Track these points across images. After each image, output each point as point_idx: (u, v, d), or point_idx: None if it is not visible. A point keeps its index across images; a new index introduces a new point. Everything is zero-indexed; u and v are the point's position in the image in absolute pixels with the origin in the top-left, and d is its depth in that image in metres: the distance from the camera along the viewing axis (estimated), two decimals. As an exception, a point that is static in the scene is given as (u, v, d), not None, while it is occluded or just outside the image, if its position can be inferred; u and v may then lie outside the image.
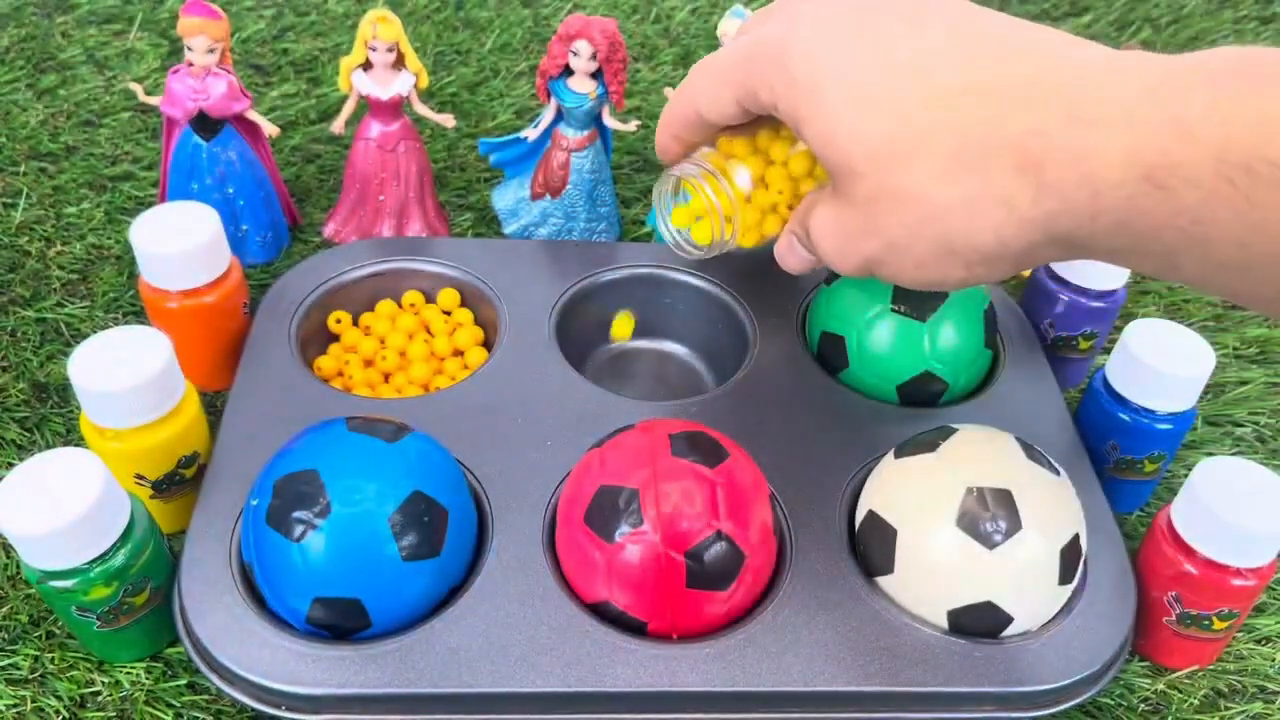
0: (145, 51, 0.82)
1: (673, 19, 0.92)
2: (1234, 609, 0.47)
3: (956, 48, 0.35)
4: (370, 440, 0.45)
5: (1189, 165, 0.30)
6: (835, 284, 0.58)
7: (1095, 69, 0.33)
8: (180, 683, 0.46)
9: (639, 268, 0.63)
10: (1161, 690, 0.49)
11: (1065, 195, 0.32)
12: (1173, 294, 0.70)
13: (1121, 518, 0.56)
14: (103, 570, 0.42)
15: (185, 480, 0.50)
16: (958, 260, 0.36)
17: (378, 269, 0.62)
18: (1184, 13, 1.00)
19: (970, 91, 0.34)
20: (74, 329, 0.61)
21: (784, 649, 0.44)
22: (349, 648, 0.43)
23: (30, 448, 0.55)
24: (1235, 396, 0.64)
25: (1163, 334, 0.52)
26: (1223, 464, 0.46)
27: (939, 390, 0.56)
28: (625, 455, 0.45)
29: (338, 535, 0.42)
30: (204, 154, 0.62)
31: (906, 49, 0.35)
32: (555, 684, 0.43)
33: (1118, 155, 0.31)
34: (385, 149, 0.64)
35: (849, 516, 0.50)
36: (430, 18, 0.89)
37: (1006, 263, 0.36)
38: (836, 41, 0.36)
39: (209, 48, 0.59)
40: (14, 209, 0.68)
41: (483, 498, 0.49)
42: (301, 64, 0.83)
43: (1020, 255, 0.35)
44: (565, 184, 0.64)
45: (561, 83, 0.62)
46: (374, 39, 0.60)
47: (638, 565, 0.43)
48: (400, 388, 0.59)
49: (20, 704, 0.45)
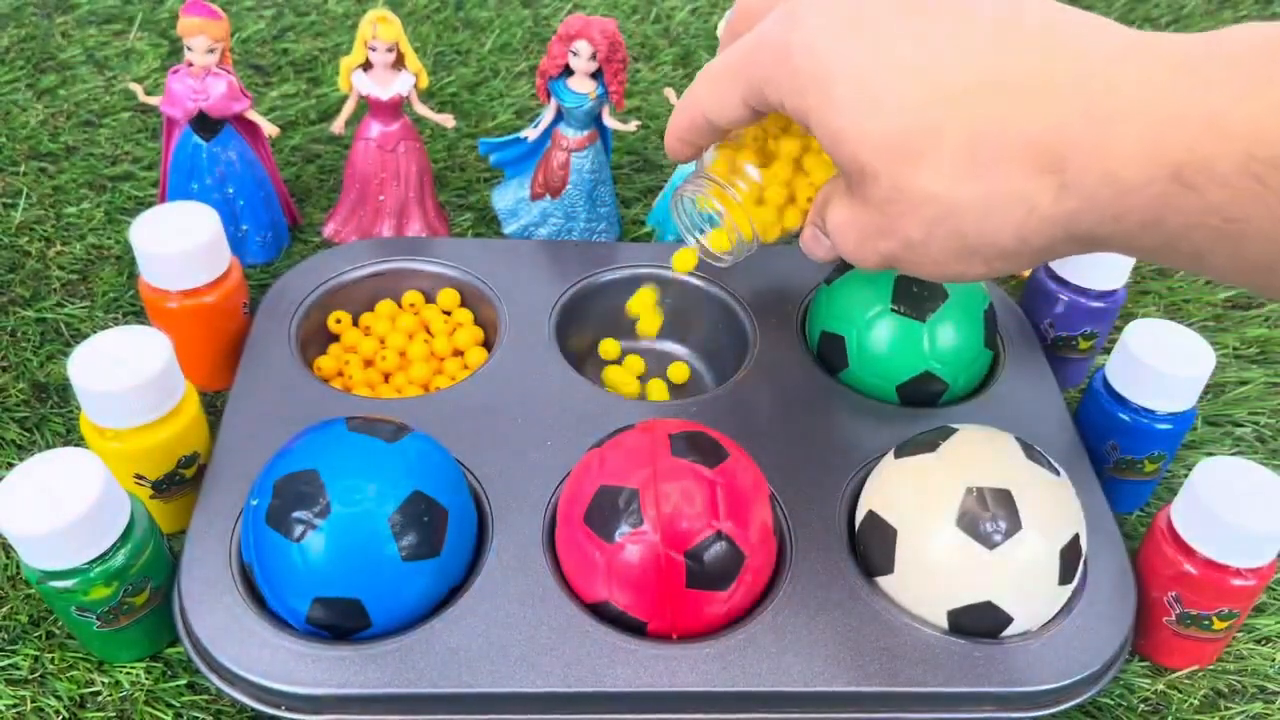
0: (145, 51, 0.82)
1: (673, 19, 0.92)
2: (1234, 609, 0.47)
3: (966, 39, 0.34)
4: (370, 440, 0.45)
5: (1217, 161, 0.28)
6: (835, 284, 0.57)
7: (1112, 56, 0.31)
8: (180, 683, 0.46)
9: (639, 268, 0.63)
10: (1161, 690, 0.49)
11: (1088, 194, 0.31)
12: (1173, 294, 0.70)
13: (1121, 518, 0.56)
14: (103, 570, 0.42)
15: (185, 480, 0.50)
16: (977, 257, 0.35)
17: (378, 269, 0.62)
18: (1184, 13, 1.00)
19: (981, 86, 0.33)
20: (74, 329, 0.61)
21: (784, 649, 0.44)
22: (349, 648, 0.43)
23: (30, 448, 0.55)
24: (1235, 396, 0.64)
25: (1163, 334, 0.52)
26: (1223, 464, 0.46)
27: (939, 390, 0.56)
28: (625, 455, 0.45)
29: (338, 535, 0.42)
30: (204, 154, 0.62)
31: (913, 42, 0.34)
32: (555, 684, 0.43)
33: (1141, 151, 0.30)
34: (385, 149, 0.64)
35: (849, 516, 0.50)
36: (430, 18, 0.89)
37: (1026, 258, 0.35)
38: (840, 36, 0.35)
39: (209, 48, 0.59)
40: (14, 209, 0.68)
41: (483, 498, 0.49)
42: (301, 64, 0.83)
43: (1041, 252, 0.34)
44: (565, 184, 0.64)
45: (561, 83, 0.62)
46: (374, 39, 0.60)
47: (638, 565, 0.43)
48: (400, 388, 0.59)
49: (20, 704, 0.45)
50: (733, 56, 0.39)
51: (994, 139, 0.33)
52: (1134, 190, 0.30)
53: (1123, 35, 0.32)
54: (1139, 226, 0.31)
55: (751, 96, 0.39)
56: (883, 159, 0.35)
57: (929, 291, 0.55)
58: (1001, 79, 0.33)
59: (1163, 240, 0.31)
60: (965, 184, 0.34)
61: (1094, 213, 0.32)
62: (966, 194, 0.34)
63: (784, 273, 0.63)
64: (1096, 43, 0.32)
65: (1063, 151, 0.31)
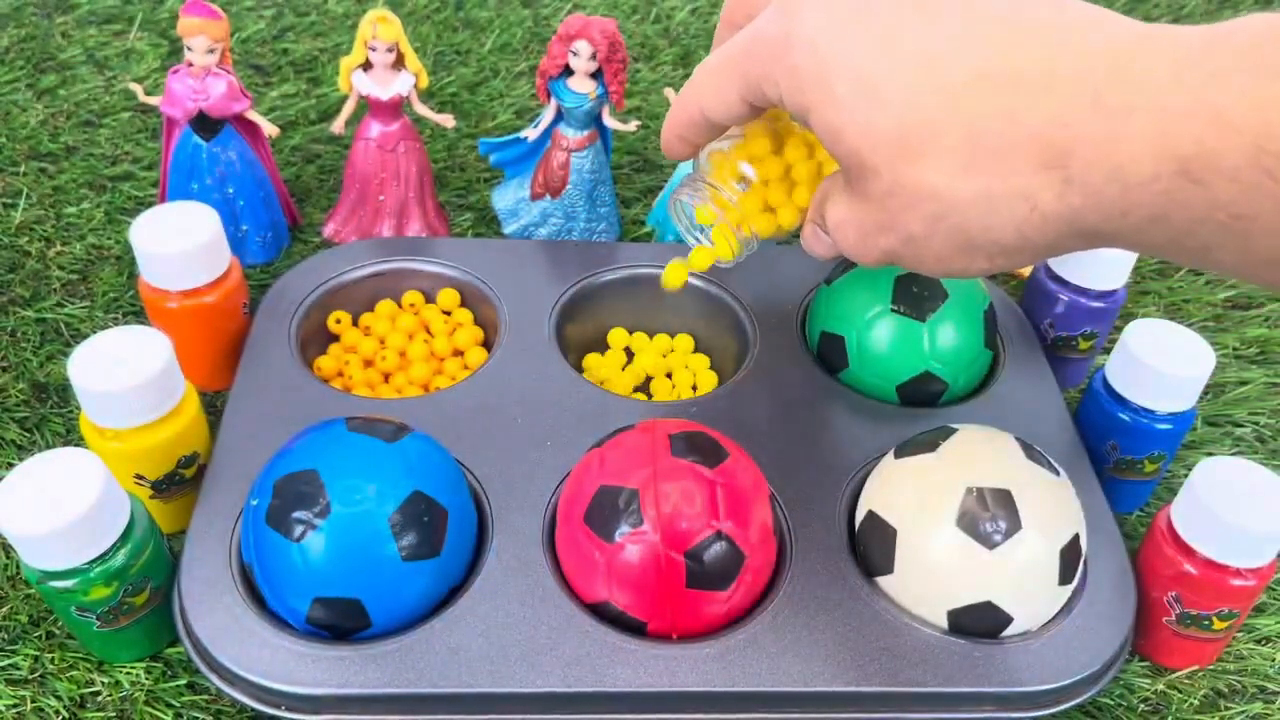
0: (145, 51, 0.82)
1: (673, 19, 0.92)
2: (1234, 609, 0.47)
3: (967, 32, 0.33)
4: (370, 440, 0.45)
5: (1226, 156, 0.28)
6: (835, 284, 0.57)
7: (1118, 48, 0.31)
8: (180, 683, 0.46)
9: (639, 268, 0.63)
10: (1161, 690, 0.49)
11: (1093, 190, 0.31)
12: (1173, 294, 0.70)
13: (1121, 518, 0.56)
14: (103, 570, 0.42)
15: (185, 480, 0.50)
16: (980, 253, 0.35)
17: (378, 269, 0.62)
18: (1184, 13, 1.00)
19: (984, 79, 0.32)
20: (74, 329, 0.61)
21: (784, 649, 0.44)
22: (349, 648, 0.43)
23: (30, 448, 0.55)
24: (1235, 396, 0.64)
25: (1163, 334, 0.52)
26: (1223, 464, 0.46)
27: (939, 390, 0.56)
28: (625, 455, 0.45)
29: (338, 535, 0.42)
30: (204, 154, 0.62)
31: (913, 35, 0.34)
32: (555, 684, 0.43)
33: (1148, 146, 0.29)
34: (385, 149, 0.64)
35: (849, 516, 0.50)
36: (430, 18, 0.89)
37: (1030, 254, 0.35)
38: (839, 29, 0.35)
39: (209, 48, 0.59)
40: (14, 209, 0.68)
41: (483, 498, 0.49)
42: (301, 64, 0.83)
43: (1045, 248, 0.34)
44: (565, 184, 0.64)
45: (561, 83, 0.62)
46: (374, 39, 0.60)
47: (637, 565, 0.43)
48: (400, 388, 0.59)
49: (20, 704, 0.45)
50: (730, 51, 0.39)
51: (996, 133, 0.32)
52: (1141, 185, 0.30)
53: (1129, 28, 0.32)
54: (1146, 221, 0.31)
55: (750, 93, 0.38)
56: (883, 154, 0.34)
57: (929, 291, 0.55)
58: (1004, 72, 0.32)
59: (1169, 235, 0.31)
60: (967, 180, 0.33)
61: (1099, 209, 0.31)
62: (968, 190, 0.33)
63: (784, 273, 0.63)
64: (1102, 36, 0.32)
65: (1067, 146, 0.31)
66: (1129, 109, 0.30)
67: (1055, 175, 0.31)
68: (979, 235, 0.34)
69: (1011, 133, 0.32)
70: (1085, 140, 0.31)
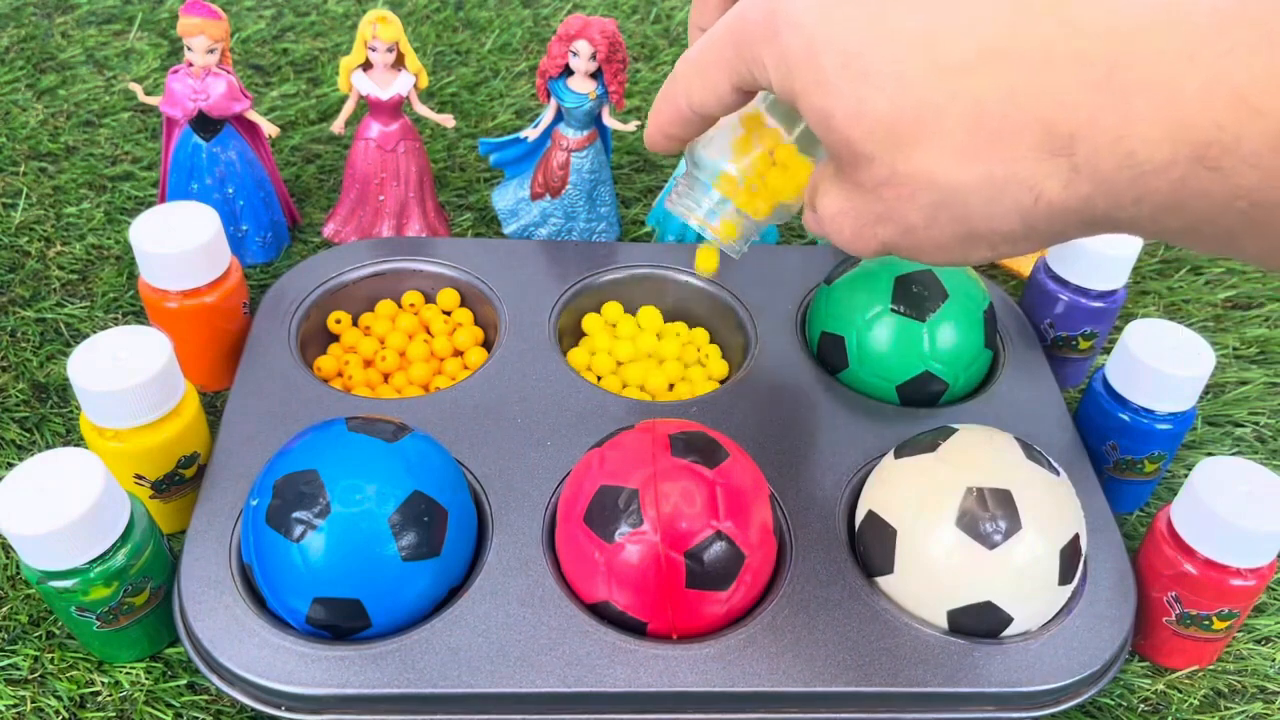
0: (145, 51, 0.82)
1: (673, 19, 0.92)
2: (1234, 609, 0.47)
3: (966, 7, 0.31)
4: (370, 440, 0.45)
5: (1246, 141, 0.26)
6: (835, 284, 0.57)
7: (1129, 24, 0.28)
8: (180, 683, 0.46)
9: (639, 268, 0.63)
10: (1161, 690, 0.49)
11: (1102, 178, 0.29)
12: (1172, 294, 0.70)
13: (1121, 518, 0.56)
14: (103, 570, 0.42)
15: (185, 480, 0.50)
16: (982, 243, 0.33)
17: (378, 269, 0.62)
18: None
19: (984, 57, 0.30)
20: (74, 329, 0.61)
21: (784, 649, 0.44)
22: (349, 648, 0.43)
23: (30, 448, 0.55)
24: (1235, 396, 0.64)
25: (1163, 334, 0.52)
26: (1223, 464, 0.46)
27: (939, 390, 0.56)
28: (625, 455, 0.45)
29: (338, 535, 0.42)
30: (204, 154, 0.62)
31: (907, 11, 0.32)
32: (555, 684, 0.43)
33: (1162, 130, 0.27)
34: (385, 149, 0.64)
35: (849, 516, 0.50)
36: (430, 18, 0.89)
37: (1035, 242, 0.33)
38: (828, 6, 0.32)
39: (209, 48, 0.59)
40: (14, 209, 0.68)
41: (483, 498, 0.49)
42: (301, 64, 0.83)
43: (1051, 236, 0.32)
44: (565, 184, 0.64)
45: (561, 83, 0.62)
46: (374, 39, 0.60)
47: (637, 565, 0.43)
48: (400, 388, 0.59)
49: (20, 704, 0.45)
50: (715, 38, 0.36)
51: (997, 115, 0.30)
52: (1155, 172, 0.28)
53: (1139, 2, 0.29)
54: (1161, 210, 0.29)
55: (741, 80, 0.36)
56: (877, 140, 0.32)
57: (929, 291, 0.55)
58: (1007, 50, 0.30)
59: (1186, 223, 0.29)
60: (967, 165, 0.31)
61: (1110, 197, 0.29)
62: (968, 176, 0.31)
63: (784, 273, 0.63)
64: (1113, 10, 0.29)
65: (1073, 130, 0.29)
66: (1140, 88, 0.27)
67: (1062, 163, 0.29)
68: (981, 224, 0.32)
69: (1014, 115, 0.30)
70: (1093, 124, 0.29)
